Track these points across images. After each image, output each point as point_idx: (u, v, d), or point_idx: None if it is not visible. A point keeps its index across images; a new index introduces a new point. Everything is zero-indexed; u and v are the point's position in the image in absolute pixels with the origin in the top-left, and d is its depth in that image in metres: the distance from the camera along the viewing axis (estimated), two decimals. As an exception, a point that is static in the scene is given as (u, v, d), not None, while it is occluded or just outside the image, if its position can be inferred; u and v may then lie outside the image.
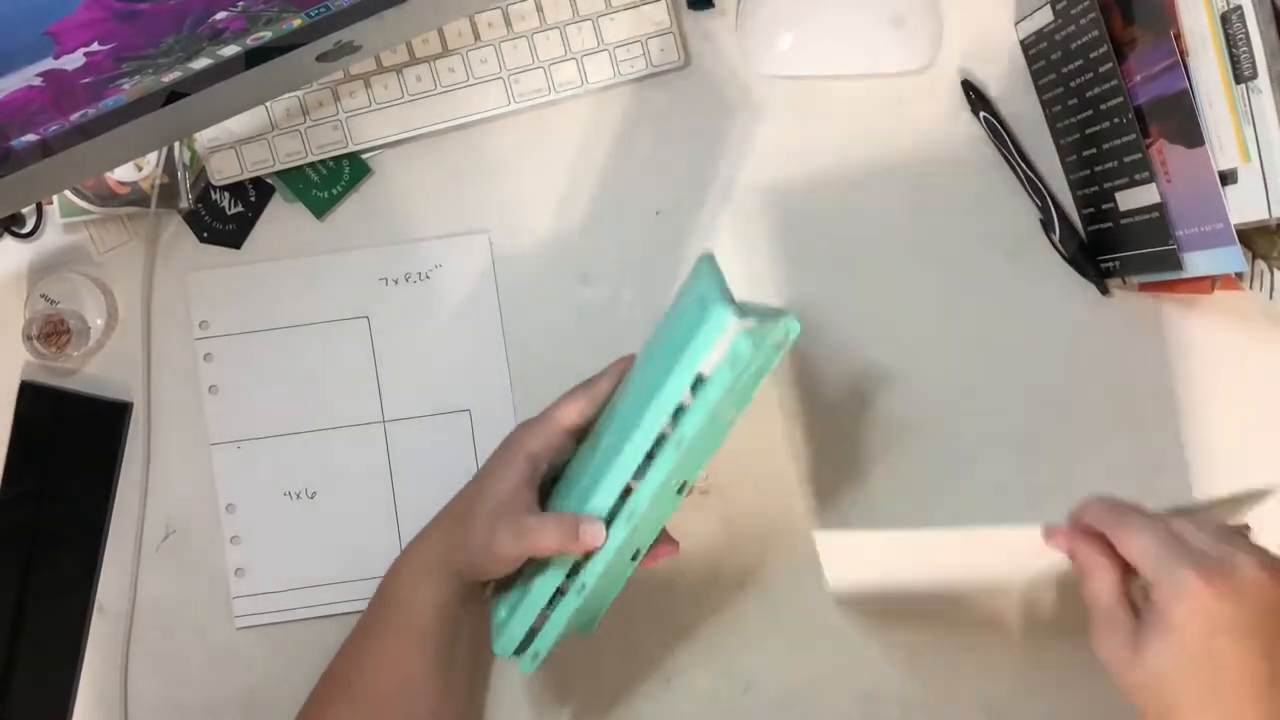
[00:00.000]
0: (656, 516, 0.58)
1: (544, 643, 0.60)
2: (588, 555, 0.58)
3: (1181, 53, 0.61)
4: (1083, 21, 0.66)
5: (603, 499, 0.57)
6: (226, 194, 0.75)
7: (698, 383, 0.54)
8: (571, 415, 0.63)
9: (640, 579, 0.73)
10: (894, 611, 0.72)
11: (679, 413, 0.55)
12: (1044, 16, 0.70)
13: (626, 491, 0.57)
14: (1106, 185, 0.68)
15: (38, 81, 0.51)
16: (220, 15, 0.53)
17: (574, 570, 0.59)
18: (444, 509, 0.67)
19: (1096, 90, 0.66)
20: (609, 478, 0.57)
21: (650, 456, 0.56)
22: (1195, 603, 0.48)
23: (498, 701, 0.73)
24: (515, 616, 0.61)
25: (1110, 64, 0.64)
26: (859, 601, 0.72)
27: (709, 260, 0.60)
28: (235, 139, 0.73)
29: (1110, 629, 0.51)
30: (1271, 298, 0.64)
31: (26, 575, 0.74)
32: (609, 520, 0.57)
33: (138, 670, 0.74)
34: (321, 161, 0.74)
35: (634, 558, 0.60)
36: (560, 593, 0.60)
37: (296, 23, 0.57)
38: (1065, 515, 0.56)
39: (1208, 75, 0.60)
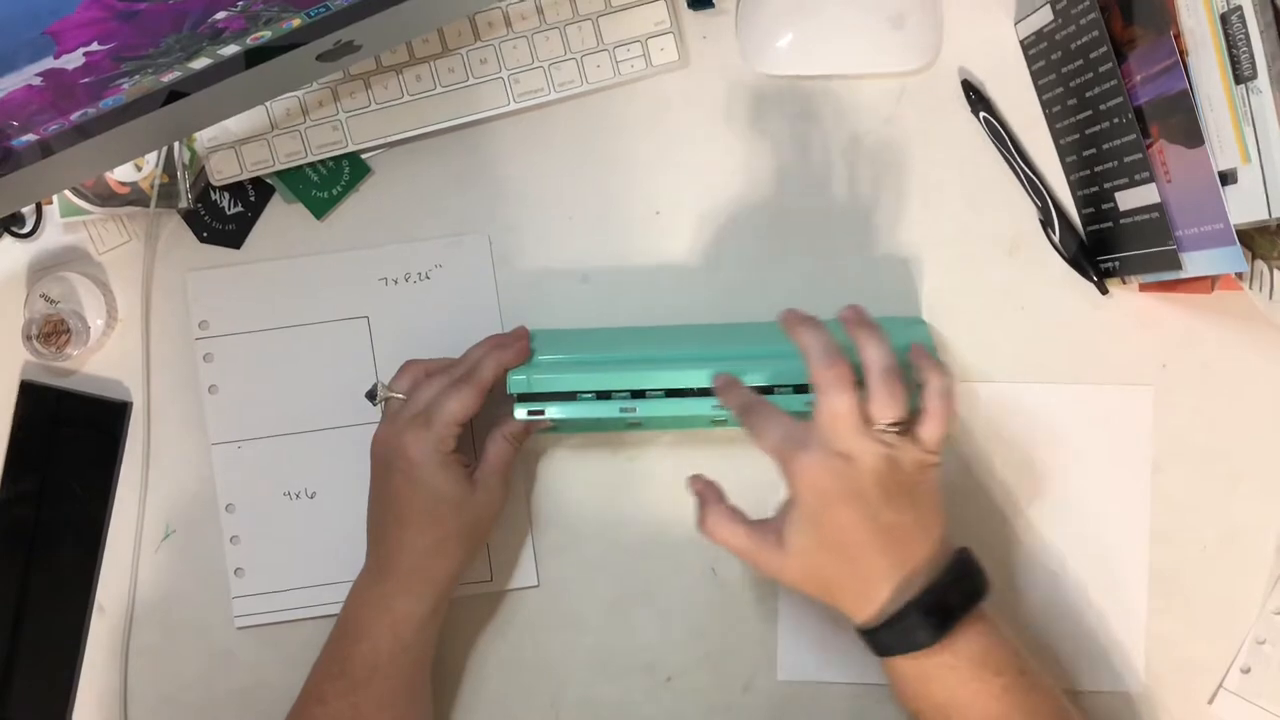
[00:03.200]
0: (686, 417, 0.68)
1: (554, 410, 0.67)
2: (642, 395, 0.66)
3: (1181, 53, 0.61)
4: (1082, 21, 0.66)
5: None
6: (226, 194, 0.75)
7: None
8: (461, 413, 0.65)
9: (638, 578, 0.73)
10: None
11: None
12: (1044, 16, 0.70)
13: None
14: (1106, 185, 0.68)
15: (38, 81, 0.51)
16: (220, 15, 0.53)
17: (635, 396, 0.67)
18: (414, 555, 0.66)
19: (1096, 90, 0.66)
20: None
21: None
22: (808, 476, 0.58)
23: (497, 701, 0.73)
24: (553, 375, 0.67)
25: (1110, 64, 0.64)
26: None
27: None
28: (235, 139, 0.73)
29: (762, 541, 0.60)
30: (1271, 298, 0.64)
31: (26, 575, 0.74)
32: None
33: (138, 670, 0.74)
34: (321, 161, 0.74)
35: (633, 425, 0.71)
36: (606, 397, 0.67)
37: (296, 22, 0.57)
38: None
39: (1208, 75, 0.60)
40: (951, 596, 0.59)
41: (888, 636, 0.59)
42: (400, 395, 0.67)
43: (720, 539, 0.62)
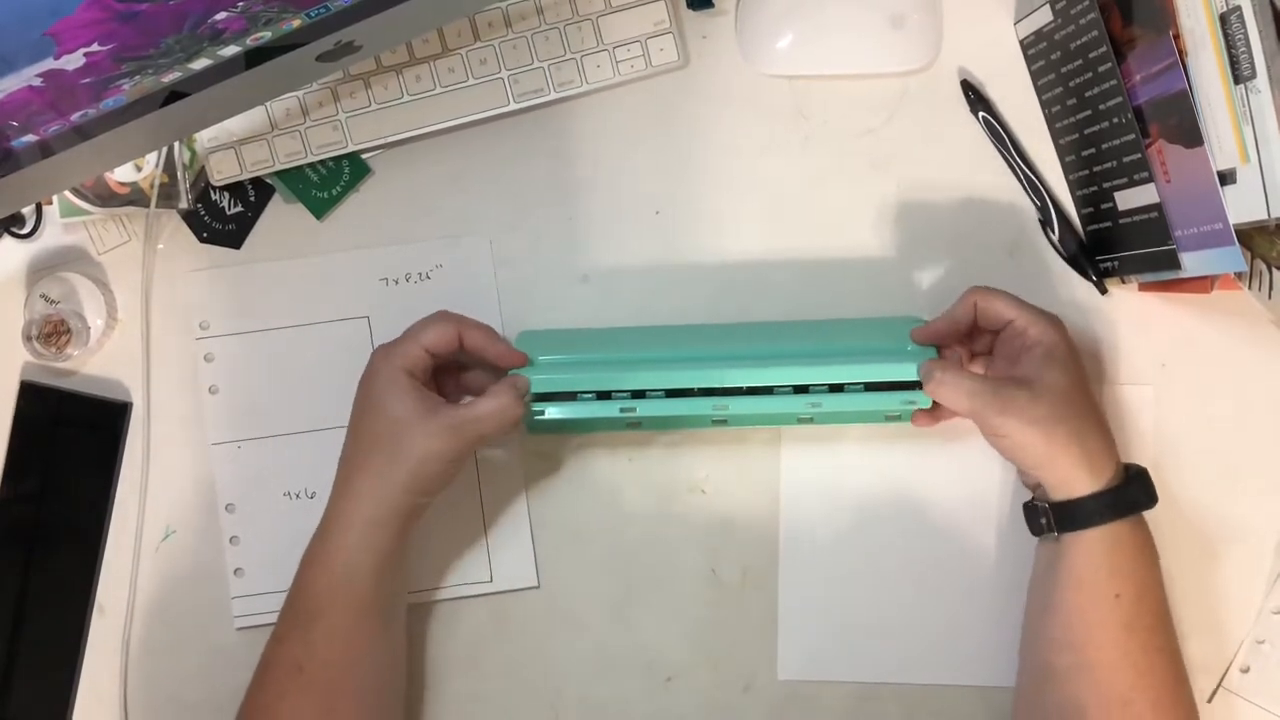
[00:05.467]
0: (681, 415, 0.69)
1: (554, 410, 0.67)
2: (642, 395, 0.67)
3: (1180, 53, 0.61)
4: (1082, 21, 0.66)
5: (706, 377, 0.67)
6: (226, 194, 0.75)
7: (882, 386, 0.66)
8: (436, 341, 0.66)
9: (638, 578, 0.73)
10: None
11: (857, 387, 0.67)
12: (1043, 16, 0.70)
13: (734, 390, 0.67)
14: (1106, 185, 0.68)
15: (38, 82, 0.51)
16: (220, 16, 0.53)
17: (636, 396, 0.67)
18: (347, 467, 0.66)
19: (1096, 90, 0.66)
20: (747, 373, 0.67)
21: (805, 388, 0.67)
22: (1064, 331, 0.66)
23: (496, 701, 0.73)
24: (553, 375, 0.67)
25: (1109, 64, 0.64)
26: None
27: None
28: (235, 139, 0.73)
29: (1007, 391, 0.63)
30: (1270, 297, 0.64)
31: (26, 575, 0.74)
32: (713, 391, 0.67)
33: (138, 670, 0.74)
34: (321, 161, 0.74)
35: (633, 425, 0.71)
36: (606, 397, 0.67)
37: (296, 23, 0.57)
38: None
39: (1207, 75, 0.60)
40: (1148, 478, 0.65)
41: (1115, 499, 0.63)
42: None
43: (947, 395, 0.64)
